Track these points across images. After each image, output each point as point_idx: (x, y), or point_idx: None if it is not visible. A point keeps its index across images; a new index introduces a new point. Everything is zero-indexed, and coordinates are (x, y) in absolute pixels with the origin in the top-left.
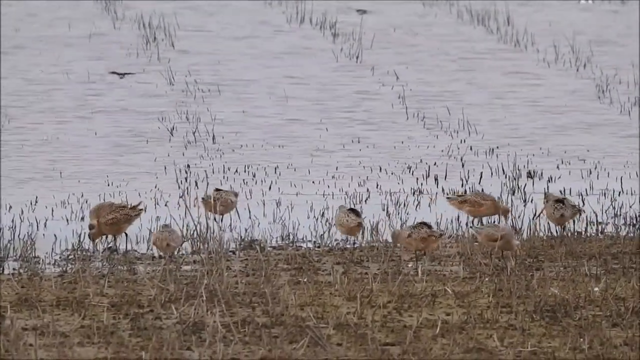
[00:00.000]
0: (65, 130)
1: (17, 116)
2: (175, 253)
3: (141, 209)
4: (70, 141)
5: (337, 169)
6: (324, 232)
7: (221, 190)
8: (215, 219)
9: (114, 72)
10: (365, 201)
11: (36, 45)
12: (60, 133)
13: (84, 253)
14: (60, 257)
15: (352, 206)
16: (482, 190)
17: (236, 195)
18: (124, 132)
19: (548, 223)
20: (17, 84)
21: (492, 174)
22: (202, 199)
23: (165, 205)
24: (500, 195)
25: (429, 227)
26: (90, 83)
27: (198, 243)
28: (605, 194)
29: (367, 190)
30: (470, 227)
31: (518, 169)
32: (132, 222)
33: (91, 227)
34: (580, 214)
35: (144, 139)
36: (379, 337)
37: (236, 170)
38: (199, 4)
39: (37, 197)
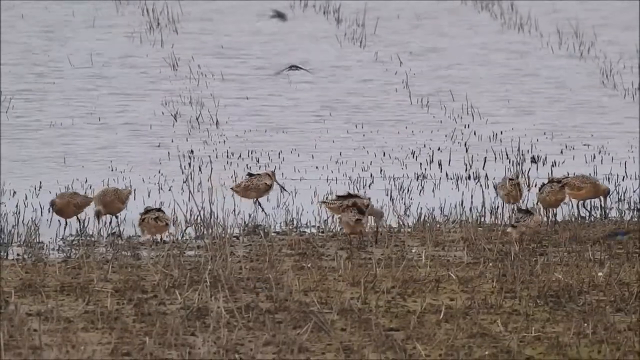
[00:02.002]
0: (69, 116)
1: (21, 101)
2: (180, 238)
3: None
4: (73, 126)
5: (340, 154)
6: (327, 218)
7: (254, 174)
8: (259, 203)
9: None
10: (369, 186)
11: (41, 29)
12: (63, 118)
13: (88, 238)
14: (64, 243)
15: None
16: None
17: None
18: (127, 117)
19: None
20: (21, 67)
21: (496, 158)
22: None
23: (169, 190)
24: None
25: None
26: (93, 68)
27: (202, 228)
28: (609, 178)
29: (371, 175)
30: (511, 223)
31: (522, 154)
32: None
33: (97, 213)
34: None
35: (147, 124)
36: (383, 323)
37: (240, 156)
38: None
39: (41, 183)
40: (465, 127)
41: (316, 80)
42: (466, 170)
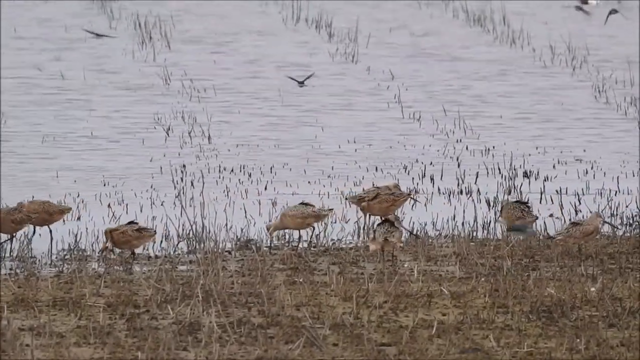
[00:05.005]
0: (62, 131)
1: (14, 116)
2: (172, 252)
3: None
4: (65, 140)
5: (332, 168)
6: (319, 232)
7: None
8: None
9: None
10: None
11: (33, 45)
12: (56, 133)
13: (80, 253)
14: (56, 257)
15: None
16: None
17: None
18: (120, 132)
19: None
20: (12, 80)
21: (488, 173)
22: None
23: (161, 205)
24: (497, 195)
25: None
26: (85, 82)
27: (194, 243)
28: (601, 193)
29: (363, 189)
30: (557, 234)
31: (514, 169)
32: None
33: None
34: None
35: (139, 139)
36: (375, 338)
37: (232, 170)
38: (194, 5)
39: (33, 196)
40: (457, 141)
41: (309, 95)
42: (458, 185)
